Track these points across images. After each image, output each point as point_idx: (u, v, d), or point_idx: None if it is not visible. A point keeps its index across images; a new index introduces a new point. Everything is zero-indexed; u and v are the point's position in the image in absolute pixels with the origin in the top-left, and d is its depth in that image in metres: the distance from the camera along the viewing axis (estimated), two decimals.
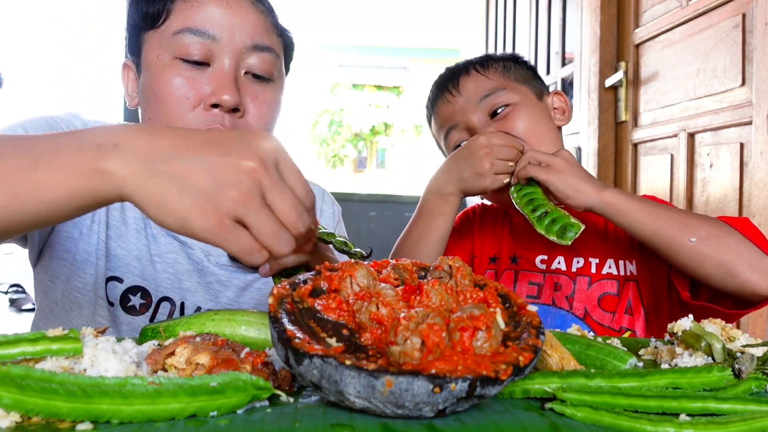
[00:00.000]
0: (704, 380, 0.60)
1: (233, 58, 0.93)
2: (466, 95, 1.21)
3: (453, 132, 1.23)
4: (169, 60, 0.92)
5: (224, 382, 0.49)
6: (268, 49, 0.96)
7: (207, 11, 0.93)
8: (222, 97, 0.90)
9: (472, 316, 0.52)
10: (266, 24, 0.97)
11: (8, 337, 0.54)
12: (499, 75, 1.23)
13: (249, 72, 0.95)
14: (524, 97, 1.21)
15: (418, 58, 13.14)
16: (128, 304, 1.01)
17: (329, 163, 14.04)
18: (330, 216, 1.21)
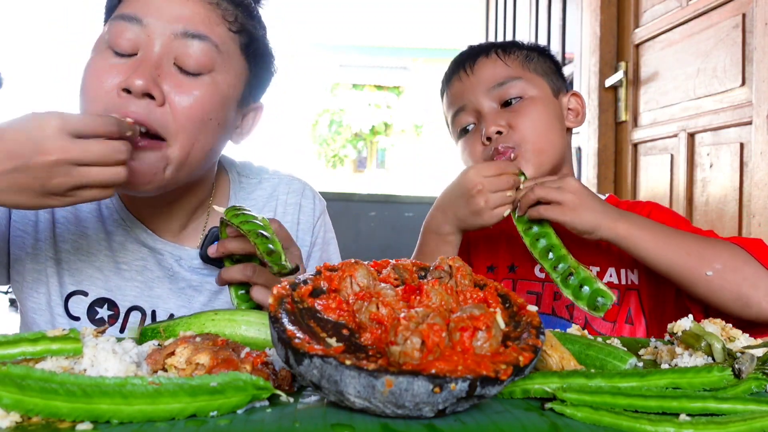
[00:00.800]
0: (704, 380, 0.60)
1: (161, 45, 0.87)
2: (480, 78, 1.17)
3: (461, 114, 1.19)
4: (102, 49, 0.89)
5: (224, 382, 0.49)
6: (203, 38, 0.89)
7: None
8: (131, 82, 0.83)
9: (472, 316, 0.52)
10: (211, 15, 0.90)
11: (8, 337, 0.54)
12: (519, 63, 1.19)
13: (178, 64, 0.88)
14: (539, 92, 1.17)
15: (418, 58, 13.14)
16: (96, 317, 1.00)
17: (329, 163, 14.04)
18: (310, 211, 1.16)
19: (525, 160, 1.10)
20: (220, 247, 0.90)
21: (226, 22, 0.92)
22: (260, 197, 1.13)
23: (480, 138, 1.14)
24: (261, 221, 0.85)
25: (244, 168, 1.16)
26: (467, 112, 1.18)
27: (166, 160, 0.88)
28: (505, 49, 1.20)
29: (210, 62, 0.90)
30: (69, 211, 1.01)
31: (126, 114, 0.83)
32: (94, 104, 0.87)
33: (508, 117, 1.13)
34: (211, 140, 0.93)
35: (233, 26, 0.93)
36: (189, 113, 0.88)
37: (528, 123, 1.12)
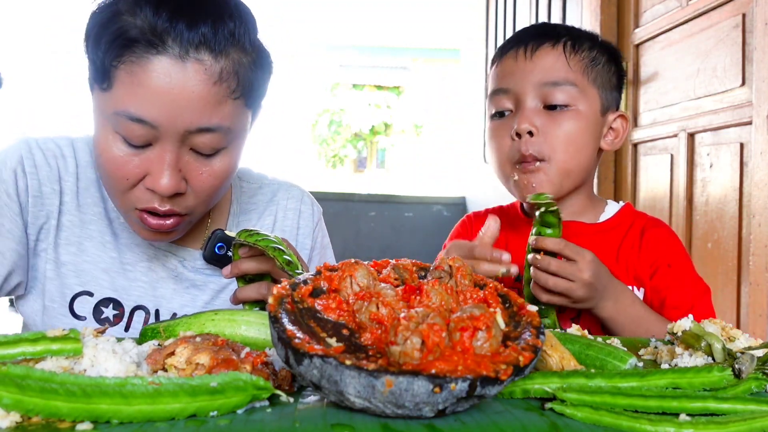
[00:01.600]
0: (704, 380, 0.60)
1: (174, 141, 0.86)
2: (536, 67, 1.09)
3: (502, 96, 1.11)
4: (111, 132, 0.87)
5: (224, 382, 0.49)
6: (215, 129, 0.88)
7: (148, 93, 0.83)
8: (159, 187, 0.86)
9: (472, 316, 0.52)
10: (217, 97, 0.86)
11: (8, 337, 0.54)
12: (582, 67, 1.10)
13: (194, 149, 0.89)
14: (588, 107, 1.09)
15: (418, 58, 13.13)
16: (102, 317, 1.02)
17: (329, 163, 14.04)
18: (309, 217, 1.19)
19: (548, 179, 1.07)
20: (234, 268, 0.94)
21: (230, 93, 0.88)
22: (261, 201, 1.16)
23: (508, 129, 1.09)
24: (274, 238, 0.89)
25: (244, 173, 1.19)
26: (509, 97, 1.11)
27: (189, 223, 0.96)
28: (575, 44, 1.11)
29: (224, 143, 0.91)
30: (75, 216, 1.03)
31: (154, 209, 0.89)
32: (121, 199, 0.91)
33: (546, 121, 1.07)
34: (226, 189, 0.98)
35: (236, 94, 0.89)
36: (210, 191, 0.93)
37: (563, 137, 1.06)
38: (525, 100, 1.08)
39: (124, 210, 0.93)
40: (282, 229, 1.15)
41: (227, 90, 0.87)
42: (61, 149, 1.03)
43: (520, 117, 1.07)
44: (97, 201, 1.03)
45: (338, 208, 4.56)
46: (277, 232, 1.14)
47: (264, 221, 1.14)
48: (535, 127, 1.06)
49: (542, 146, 1.06)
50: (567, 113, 1.07)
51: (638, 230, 1.14)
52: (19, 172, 0.98)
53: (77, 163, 1.03)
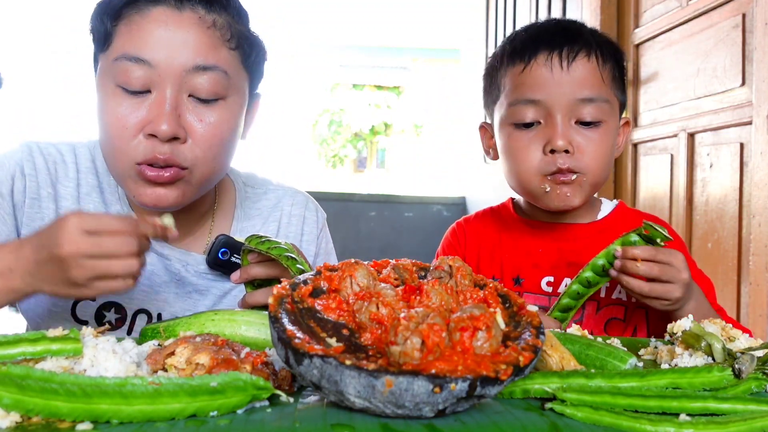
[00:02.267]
0: (704, 380, 0.60)
1: (173, 83, 0.89)
2: (574, 81, 1.04)
3: (530, 107, 1.05)
4: (112, 88, 0.90)
5: (224, 382, 0.49)
6: (212, 68, 0.90)
7: (145, 34, 0.89)
8: (159, 128, 0.88)
9: (472, 316, 0.52)
10: (212, 40, 0.91)
11: (8, 337, 0.54)
12: (610, 80, 1.07)
13: (193, 95, 0.91)
14: (614, 120, 1.08)
15: (418, 58, 13.12)
16: (103, 321, 1.02)
17: (329, 163, 14.04)
18: (314, 223, 1.19)
19: (582, 190, 1.06)
20: (243, 273, 0.95)
21: (226, 42, 0.93)
22: (265, 207, 1.16)
23: (540, 143, 1.04)
24: (285, 245, 0.90)
25: (249, 178, 1.19)
26: (538, 108, 1.05)
27: (189, 184, 0.93)
28: (603, 52, 1.07)
29: (222, 90, 0.93)
30: None
31: (155, 159, 0.89)
32: (122, 152, 0.91)
33: (579, 137, 1.04)
34: (228, 156, 1.00)
35: (231, 44, 0.94)
36: (209, 144, 0.92)
37: (598, 154, 1.05)
38: (557, 114, 1.03)
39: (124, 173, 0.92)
40: (286, 235, 1.15)
41: (222, 37, 0.93)
42: (63, 155, 1.04)
43: (555, 134, 1.03)
44: (98, 207, 1.03)
45: (338, 208, 4.56)
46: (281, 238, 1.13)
47: (268, 227, 1.14)
48: (571, 144, 1.03)
49: (578, 161, 1.04)
50: (599, 130, 1.05)
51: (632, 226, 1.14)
52: (17, 174, 0.99)
53: (78, 169, 1.04)
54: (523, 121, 1.06)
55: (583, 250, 1.10)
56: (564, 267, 1.11)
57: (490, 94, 1.16)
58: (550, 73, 1.04)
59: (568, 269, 1.11)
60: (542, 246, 1.14)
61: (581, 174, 1.05)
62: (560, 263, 1.12)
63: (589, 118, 1.04)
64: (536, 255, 1.14)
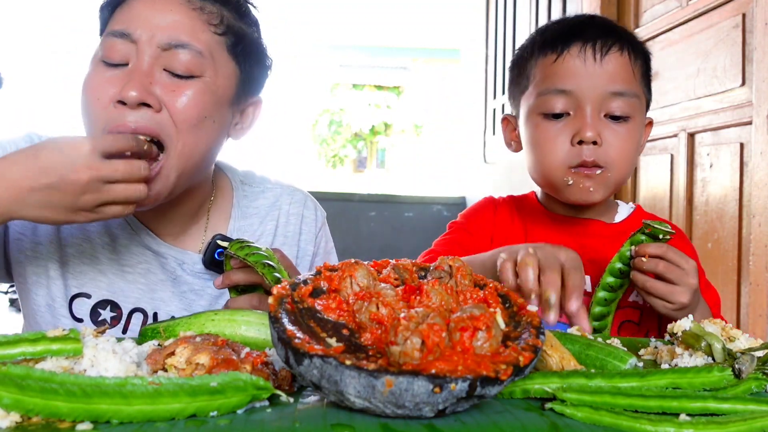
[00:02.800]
0: (704, 380, 0.60)
1: (150, 55, 0.91)
2: (606, 73, 1.03)
3: (561, 97, 1.04)
4: (96, 65, 0.93)
5: (224, 382, 0.49)
6: (187, 46, 0.92)
7: (131, 11, 0.93)
8: (126, 94, 0.88)
9: (472, 316, 0.52)
10: (195, 22, 0.93)
11: (8, 337, 0.54)
12: (640, 75, 1.07)
13: (167, 69, 0.92)
14: (641, 117, 1.07)
15: (418, 58, 13.12)
16: (99, 319, 1.02)
17: (329, 163, 14.04)
18: (312, 222, 1.18)
19: (603, 186, 1.05)
20: (225, 279, 0.94)
21: (211, 26, 0.95)
22: (263, 206, 1.15)
23: (568, 134, 1.04)
24: (265, 252, 0.88)
25: (247, 176, 1.18)
26: (569, 99, 1.04)
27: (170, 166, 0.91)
28: (635, 49, 1.07)
29: (197, 67, 0.93)
30: None
31: (124, 125, 0.88)
32: (94, 119, 0.91)
33: (609, 132, 1.04)
34: (208, 140, 0.96)
35: (218, 29, 0.96)
36: (186, 113, 0.91)
37: (624, 149, 1.04)
38: (587, 106, 1.03)
39: None
40: (284, 235, 1.14)
41: (207, 20, 0.95)
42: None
43: (584, 125, 1.03)
44: None
45: (338, 208, 4.56)
46: (279, 237, 1.14)
47: (266, 226, 1.13)
48: (600, 137, 1.03)
49: (603, 155, 1.03)
50: (627, 125, 1.05)
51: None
52: None
53: None
54: (552, 111, 1.05)
55: (603, 249, 1.09)
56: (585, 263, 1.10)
57: (517, 85, 1.15)
58: (583, 64, 1.04)
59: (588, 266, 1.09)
60: (564, 241, 1.11)
61: (606, 169, 1.04)
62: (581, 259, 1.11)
63: (618, 112, 1.04)
64: None
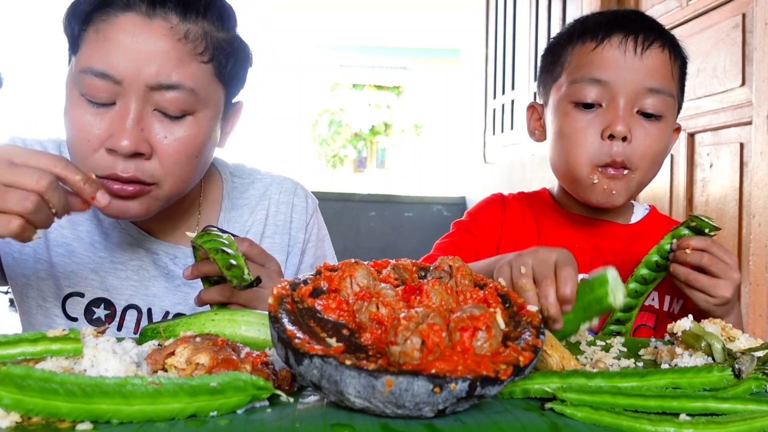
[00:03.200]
0: (704, 380, 0.60)
1: (138, 98, 0.86)
2: (645, 68, 1.01)
3: (597, 87, 1.01)
4: (77, 96, 0.88)
5: (224, 382, 0.49)
6: (176, 87, 0.87)
7: (112, 47, 0.85)
8: (119, 144, 0.85)
9: (472, 316, 0.52)
10: (180, 54, 0.87)
11: (8, 337, 0.54)
12: (678, 76, 1.05)
13: (159, 110, 0.88)
14: (673, 118, 1.05)
15: (418, 58, 13.14)
16: (93, 317, 1.02)
17: (329, 163, 14.05)
18: (303, 209, 1.17)
19: (628, 188, 1.03)
20: (194, 270, 0.91)
21: (197, 56, 0.89)
22: (253, 196, 1.15)
23: (599, 127, 1.01)
24: (226, 239, 0.85)
25: (237, 169, 1.18)
26: (604, 89, 1.01)
27: (156, 198, 0.91)
28: (675, 49, 1.04)
29: (189, 106, 0.89)
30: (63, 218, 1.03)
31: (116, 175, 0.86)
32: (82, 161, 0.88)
33: (640, 129, 1.01)
34: (199, 172, 0.96)
35: (204, 57, 0.90)
36: (175, 159, 0.89)
37: (653, 150, 1.02)
38: (621, 99, 1.00)
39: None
40: (275, 224, 1.14)
41: (192, 50, 0.88)
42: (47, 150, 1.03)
43: (616, 117, 0.99)
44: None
45: (338, 208, 4.56)
46: (270, 226, 1.14)
47: (256, 216, 1.13)
48: (631, 132, 1.00)
49: (633, 155, 1.01)
50: (659, 124, 1.02)
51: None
52: None
53: None
54: (584, 100, 1.02)
55: (619, 251, 1.08)
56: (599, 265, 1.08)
57: (550, 72, 1.12)
58: (623, 55, 1.01)
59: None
60: (579, 241, 1.11)
61: (632, 171, 1.02)
62: (595, 261, 1.08)
63: (651, 110, 1.01)
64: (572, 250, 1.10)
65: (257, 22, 9.04)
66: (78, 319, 1.01)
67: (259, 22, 3.27)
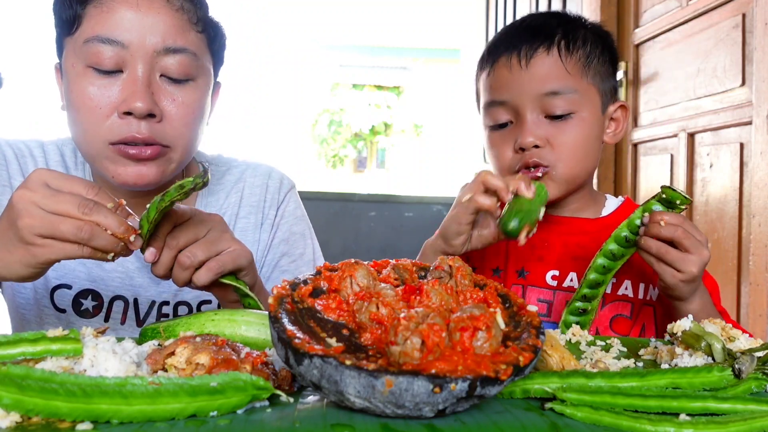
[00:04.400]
0: (704, 380, 0.60)
1: (145, 62, 0.91)
2: (534, 77, 1.04)
3: (499, 108, 1.07)
4: (82, 68, 0.91)
5: (224, 382, 0.49)
6: (182, 51, 0.93)
7: (116, 16, 0.90)
8: (133, 105, 0.89)
9: (472, 316, 0.52)
10: (180, 23, 0.94)
11: (8, 337, 0.54)
12: (579, 68, 1.06)
13: (165, 75, 0.93)
14: (590, 110, 1.07)
15: (418, 58, 13.13)
16: (81, 309, 1.03)
17: (329, 163, 14.04)
18: (276, 189, 1.19)
19: (553, 183, 1.05)
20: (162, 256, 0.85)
21: (193, 25, 0.96)
22: (228, 182, 1.18)
23: (513, 141, 1.06)
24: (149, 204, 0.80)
25: (214, 158, 1.21)
26: (506, 109, 1.07)
27: (170, 161, 0.96)
28: (568, 44, 1.06)
29: (193, 70, 0.96)
30: None
31: (132, 137, 0.90)
32: (94, 129, 0.91)
33: (549, 131, 1.04)
34: (200, 135, 1.02)
35: (198, 27, 0.97)
36: (184, 121, 0.95)
37: (570, 146, 1.04)
38: (525, 113, 1.05)
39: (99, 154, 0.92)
40: (249, 205, 1.16)
41: (189, 20, 0.96)
42: (31, 150, 1.06)
43: (523, 131, 1.04)
44: None
45: (338, 208, 4.56)
46: (244, 207, 1.16)
47: (230, 199, 1.15)
48: (541, 139, 1.03)
49: (548, 155, 1.04)
50: (571, 121, 1.05)
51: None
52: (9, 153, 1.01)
53: (47, 164, 1.05)
54: (498, 122, 1.08)
55: (588, 245, 1.09)
56: (569, 261, 1.10)
57: (477, 100, 1.19)
58: (510, 73, 1.06)
59: (573, 263, 1.10)
60: (548, 239, 1.13)
61: (550, 167, 1.04)
62: (565, 257, 1.11)
63: (558, 111, 1.04)
64: (541, 248, 1.13)
65: (253, 16, 8.97)
66: (66, 311, 1.03)
67: (256, 16, 3.28)
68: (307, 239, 1.21)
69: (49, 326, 1.02)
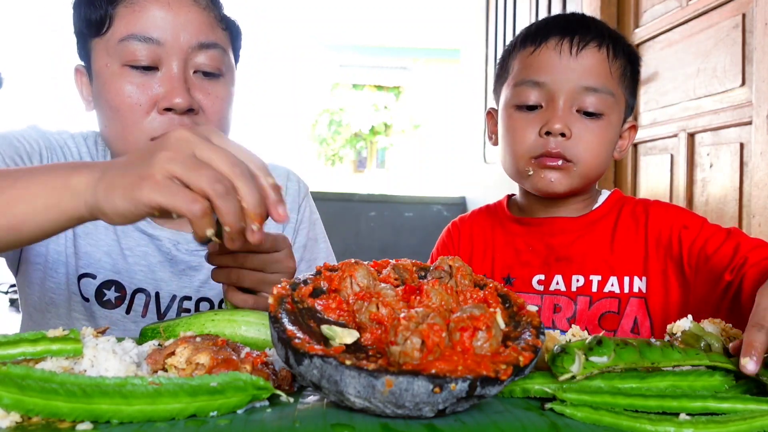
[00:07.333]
0: (706, 384, 0.60)
1: (180, 59, 0.94)
2: (582, 68, 1.04)
3: (535, 89, 1.05)
4: (117, 68, 0.93)
5: (224, 382, 0.49)
6: (214, 46, 0.97)
7: (149, 15, 0.93)
8: (174, 101, 0.92)
9: (472, 316, 0.52)
10: (209, 20, 0.98)
11: (8, 337, 0.54)
12: (620, 74, 1.07)
13: (198, 70, 0.96)
14: (618, 116, 1.07)
15: (418, 58, 13.12)
16: (104, 299, 1.04)
17: (329, 162, 14.04)
18: (295, 193, 1.21)
19: (567, 178, 1.05)
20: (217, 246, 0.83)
21: (219, 22, 1.00)
22: None
23: (538, 125, 1.04)
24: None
25: None
26: (541, 91, 1.05)
27: None
28: (615, 47, 1.06)
29: (222, 66, 0.99)
30: None
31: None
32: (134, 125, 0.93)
33: (580, 126, 1.03)
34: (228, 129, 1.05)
35: (222, 24, 1.00)
36: (220, 115, 0.99)
37: (593, 146, 1.04)
38: (560, 99, 1.03)
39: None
40: None
41: (215, 18, 0.99)
42: (65, 140, 1.07)
43: (554, 116, 1.03)
44: None
45: (338, 208, 4.56)
46: None
47: None
48: (569, 130, 1.02)
49: (572, 149, 1.03)
50: (600, 122, 1.05)
51: (628, 214, 1.11)
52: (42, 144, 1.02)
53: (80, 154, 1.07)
54: (526, 102, 1.06)
55: (571, 244, 1.09)
56: (553, 263, 1.09)
57: (500, 78, 1.16)
58: (558, 57, 1.05)
59: (557, 265, 1.09)
60: (531, 243, 1.13)
61: (571, 163, 1.04)
62: (549, 260, 1.10)
63: (591, 108, 1.03)
64: (526, 253, 1.12)
65: (251, 11, 8.97)
66: (89, 300, 1.03)
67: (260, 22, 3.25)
68: (321, 243, 1.23)
69: (75, 312, 1.03)
